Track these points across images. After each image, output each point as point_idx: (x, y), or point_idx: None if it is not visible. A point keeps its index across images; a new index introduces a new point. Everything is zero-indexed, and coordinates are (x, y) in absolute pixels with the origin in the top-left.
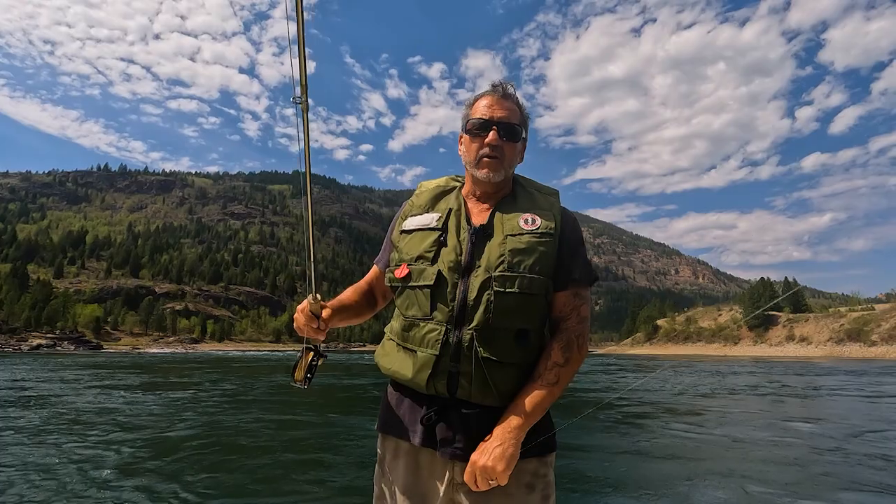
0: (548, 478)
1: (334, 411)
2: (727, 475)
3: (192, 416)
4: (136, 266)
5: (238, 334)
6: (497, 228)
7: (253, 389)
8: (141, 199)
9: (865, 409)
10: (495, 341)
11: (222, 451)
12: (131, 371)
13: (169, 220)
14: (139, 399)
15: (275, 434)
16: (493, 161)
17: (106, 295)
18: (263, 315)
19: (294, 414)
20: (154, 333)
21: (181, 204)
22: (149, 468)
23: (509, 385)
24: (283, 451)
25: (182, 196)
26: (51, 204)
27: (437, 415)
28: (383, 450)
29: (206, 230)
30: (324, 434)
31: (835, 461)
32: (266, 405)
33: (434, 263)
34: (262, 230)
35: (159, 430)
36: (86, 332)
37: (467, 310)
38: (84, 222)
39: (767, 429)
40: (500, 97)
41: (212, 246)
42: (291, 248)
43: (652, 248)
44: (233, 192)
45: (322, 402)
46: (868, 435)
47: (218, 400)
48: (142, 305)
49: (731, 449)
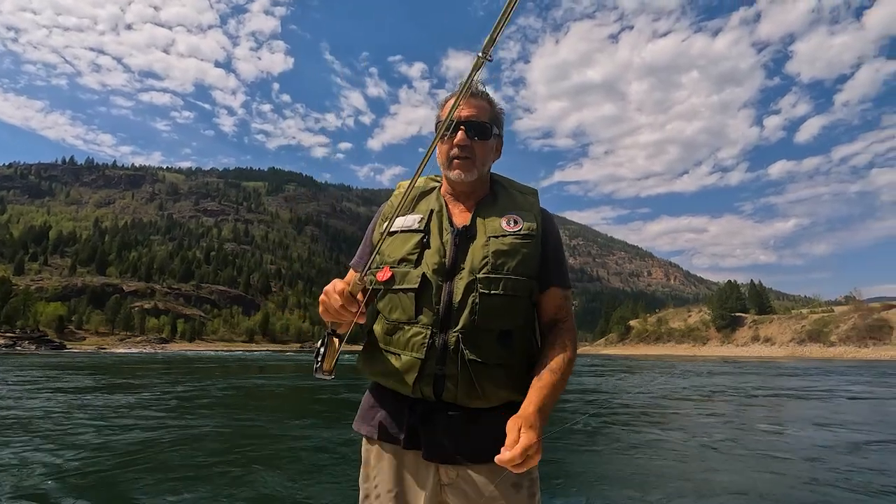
0: (533, 475)
1: (305, 414)
2: (693, 479)
3: (146, 419)
4: (103, 263)
5: (210, 334)
6: (479, 230)
7: (220, 391)
8: (109, 194)
9: (848, 408)
10: (481, 343)
11: (177, 458)
12: (89, 372)
13: (138, 216)
14: (89, 401)
15: (237, 438)
16: (465, 161)
17: (70, 293)
18: (236, 314)
19: (259, 416)
20: (121, 333)
21: (151, 199)
22: (78, 476)
23: (495, 386)
24: (251, 458)
25: (152, 191)
26: (11, 197)
27: (422, 417)
28: (367, 453)
29: (177, 227)
30: (295, 437)
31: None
32: (230, 407)
33: (418, 266)
34: (236, 228)
35: (106, 434)
36: (48, 332)
37: (452, 312)
38: (47, 217)
39: (730, 431)
40: (469, 96)
41: (183, 243)
42: (266, 246)
43: (626, 250)
44: (206, 189)
45: (289, 404)
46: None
47: (177, 402)
48: (108, 304)
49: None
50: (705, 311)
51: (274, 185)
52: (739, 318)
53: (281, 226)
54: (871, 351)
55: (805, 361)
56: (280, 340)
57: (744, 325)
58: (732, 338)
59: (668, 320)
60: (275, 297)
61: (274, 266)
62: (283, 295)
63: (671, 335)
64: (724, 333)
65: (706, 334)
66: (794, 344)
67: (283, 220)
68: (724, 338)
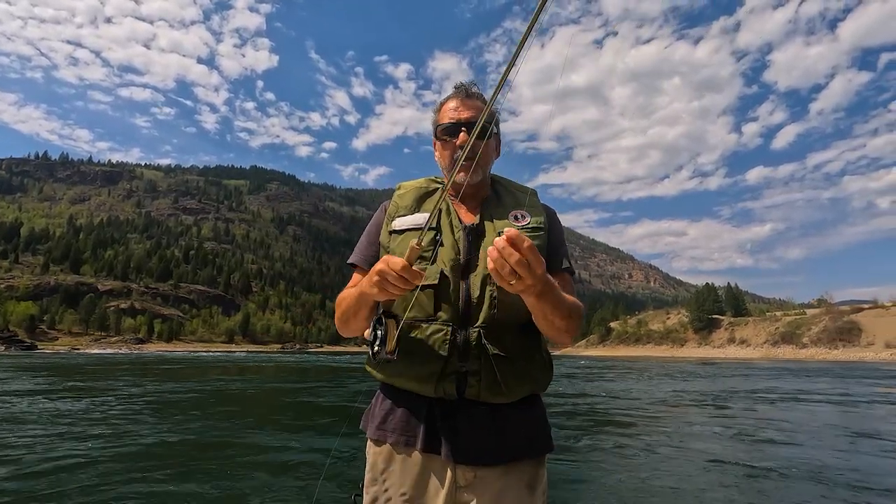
0: (544, 477)
1: (285, 417)
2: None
3: (107, 424)
4: (77, 261)
5: (188, 334)
6: (488, 227)
7: (194, 393)
8: (84, 191)
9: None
10: (502, 337)
11: (134, 469)
12: (57, 373)
13: (114, 214)
14: (48, 405)
15: (203, 444)
16: (468, 162)
17: (42, 292)
18: (216, 315)
19: (232, 420)
20: (96, 333)
21: (128, 197)
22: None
23: (517, 379)
24: (220, 465)
25: (130, 188)
26: None
27: (443, 417)
28: (375, 456)
29: (155, 225)
30: (270, 444)
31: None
32: (203, 411)
33: (433, 263)
34: (217, 226)
35: (63, 438)
36: (18, 332)
37: (472, 308)
38: (19, 213)
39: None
40: (465, 98)
41: (161, 242)
42: (247, 245)
43: (608, 252)
44: (185, 187)
45: (267, 407)
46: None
47: (145, 406)
48: (82, 303)
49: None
50: (683, 313)
51: (256, 184)
52: (716, 320)
53: (262, 225)
54: (840, 352)
55: (778, 362)
56: (260, 341)
57: (720, 327)
58: (709, 339)
59: (647, 322)
60: (255, 297)
61: (255, 266)
62: (264, 295)
63: (650, 337)
64: (702, 335)
65: (684, 336)
66: (768, 346)
67: (264, 220)
68: (702, 339)
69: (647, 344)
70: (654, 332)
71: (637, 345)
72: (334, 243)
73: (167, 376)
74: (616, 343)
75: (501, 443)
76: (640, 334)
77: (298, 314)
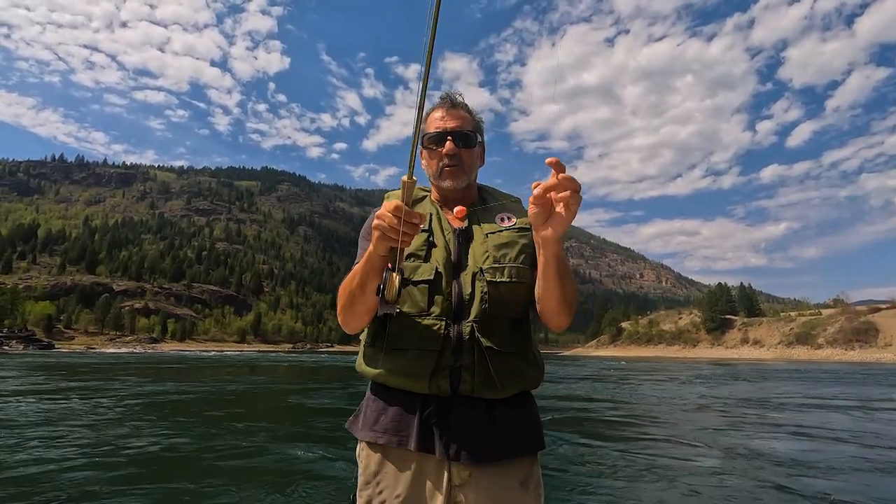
0: (538, 475)
1: (290, 418)
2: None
3: (121, 423)
4: (93, 262)
5: (201, 334)
6: (476, 231)
7: (207, 391)
8: (99, 192)
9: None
10: (495, 331)
11: (145, 466)
12: (73, 372)
13: (129, 215)
14: (67, 404)
15: (205, 449)
16: (454, 169)
17: (59, 292)
18: (228, 314)
19: (255, 422)
20: (111, 333)
21: (142, 198)
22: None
23: (510, 374)
24: (225, 468)
25: (144, 190)
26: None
27: (437, 414)
28: (367, 458)
29: (168, 226)
30: (279, 447)
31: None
32: (214, 410)
33: (427, 261)
34: (228, 227)
35: (81, 436)
36: (36, 331)
37: (464, 304)
38: (36, 215)
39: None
40: (450, 108)
41: (174, 242)
42: (258, 246)
43: (618, 252)
44: (198, 188)
45: (276, 407)
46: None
47: (158, 404)
48: (98, 303)
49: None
50: (696, 313)
51: (267, 185)
52: (729, 320)
53: (273, 225)
54: (857, 353)
55: (793, 363)
56: (272, 341)
57: (733, 327)
58: (722, 340)
59: (659, 322)
60: (267, 297)
61: (266, 266)
62: (275, 295)
63: (662, 337)
64: (714, 335)
65: (696, 336)
66: (782, 346)
67: (275, 220)
68: (714, 340)
69: (659, 344)
70: (665, 333)
71: (649, 345)
72: (345, 244)
73: (181, 375)
74: (627, 343)
75: (495, 441)
76: (652, 334)
77: (309, 314)
